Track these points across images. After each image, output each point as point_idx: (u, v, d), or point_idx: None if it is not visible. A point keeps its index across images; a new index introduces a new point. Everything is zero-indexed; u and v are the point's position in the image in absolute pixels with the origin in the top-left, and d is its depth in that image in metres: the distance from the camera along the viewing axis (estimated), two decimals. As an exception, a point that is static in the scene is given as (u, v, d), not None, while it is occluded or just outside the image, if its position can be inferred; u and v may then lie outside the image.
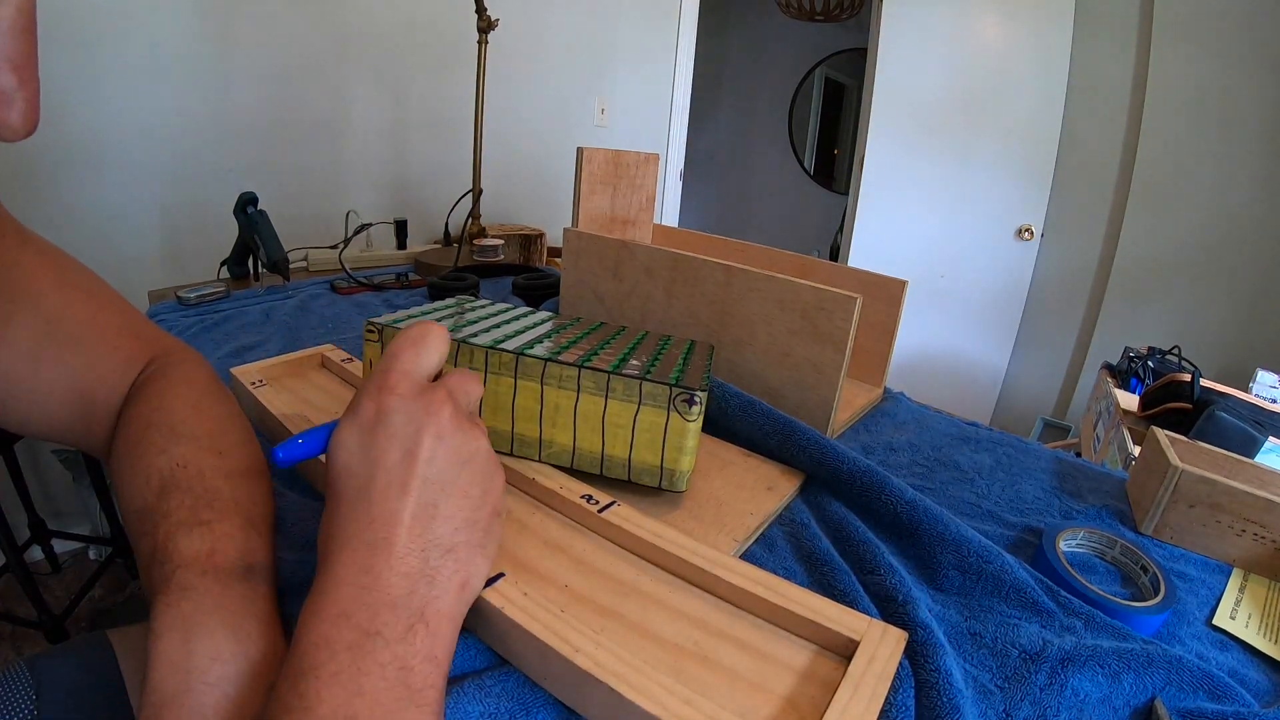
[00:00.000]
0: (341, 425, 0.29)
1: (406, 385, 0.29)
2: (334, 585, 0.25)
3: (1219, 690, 0.34)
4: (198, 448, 0.34)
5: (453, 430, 0.29)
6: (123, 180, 1.36)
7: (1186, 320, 2.09)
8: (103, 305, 0.40)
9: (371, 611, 0.24)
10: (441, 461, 0.28)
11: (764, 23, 3.77)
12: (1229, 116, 1.95)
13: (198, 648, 0.26)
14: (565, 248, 0.71)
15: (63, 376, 0.36)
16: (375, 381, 0.29)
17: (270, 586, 0.30)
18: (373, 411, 0.28)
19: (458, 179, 1.81)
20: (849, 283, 0.68)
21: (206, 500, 0.31)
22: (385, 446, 0.27)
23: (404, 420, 0.28)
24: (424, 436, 0.28)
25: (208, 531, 0.29)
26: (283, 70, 1.53)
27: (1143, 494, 0.52)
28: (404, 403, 0.28)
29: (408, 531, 0.26)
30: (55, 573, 1.50)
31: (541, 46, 2.04)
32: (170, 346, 0.42)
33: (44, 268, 0.37)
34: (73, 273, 0.39)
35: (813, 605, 0.33)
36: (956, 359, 2.47)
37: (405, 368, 0.30)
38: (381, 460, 0.27)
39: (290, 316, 0.85)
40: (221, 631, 0.27)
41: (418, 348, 0.30)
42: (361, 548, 0.26)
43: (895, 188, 2.34)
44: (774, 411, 0.53)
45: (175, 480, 0.32)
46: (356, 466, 0.28)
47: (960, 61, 2.21)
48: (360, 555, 0.26)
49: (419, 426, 0.28)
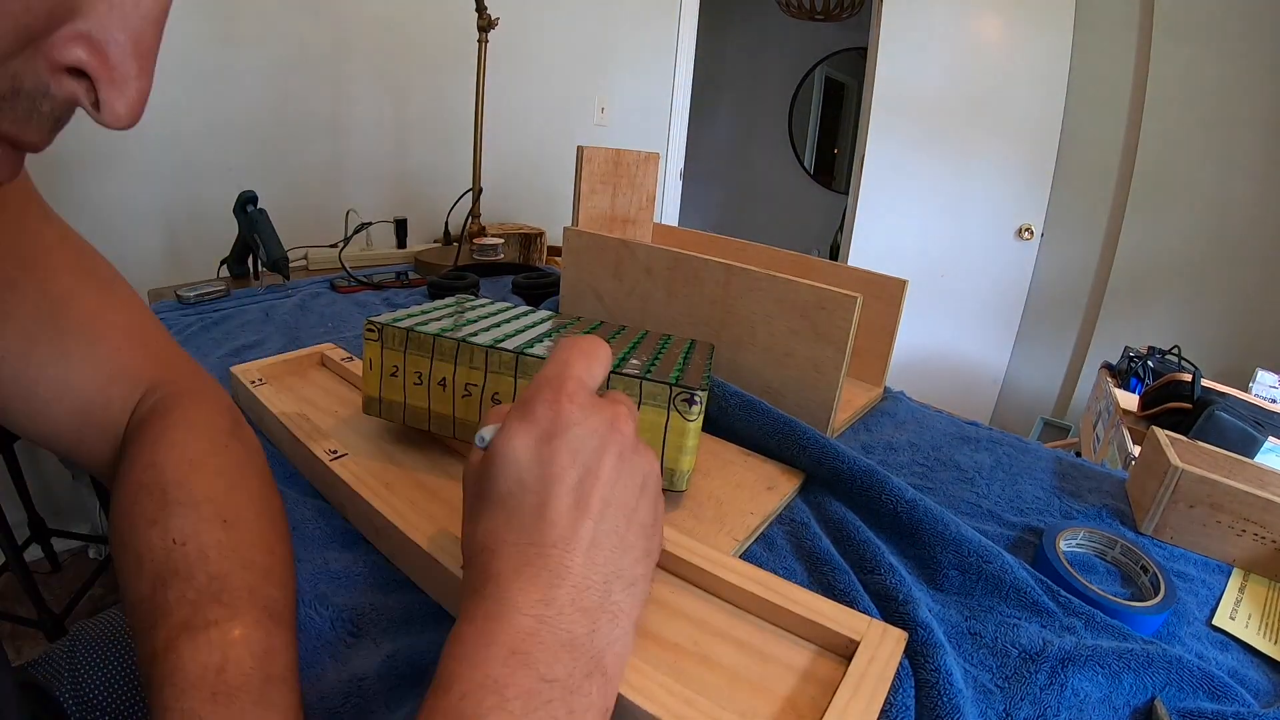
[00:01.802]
0: (513, 428, 0.25)
1: (584, 396, 0.26)
2: (509, 612, 0.22)
3: (1219, 690, 0.34)
4: (197, 518, 0.28)
5: (633, 451, 0.26)
6: (122, 179, 1.36)
7: (1186, 320, 2.09)
8: (115, 302, 0.36)
9: (551, 653, 0.21)
10: (623, 485, 0.25)
11: (764, 22, 3.77)
12: (1229, 116, 1.94)
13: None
14: (565, 247, 0.71)
15: (57, 367, 0.32)
16: (551, 387, 0.26)
17: (294, 694, 0.25)
18: (550, 419, 0.25)
19: (457, 178, 1.81)
20: (849, 282, 0.68)
21: (213, 593, 0.26)
22: (565, 461, 0.24)
23: (585, 434, 0.25)
24: (606, 455, 0.25)
25: (216, 636, 0.24)
26: (283, 69, 1.52)
27: (1143, 494, 0.52)
28: (585, 415, 0.25)
29: (586, 559, 0.24)
30: (55, 572, 1.50)
31: (541, 46, 2.03)
32: (181, 370, 0.37)
33: (62, 246, 0.34)
34: (91, 260, 0.36)
35: (813, 605, 0.33)
36: (956, 359, 2.47)
37: (581, 376, 0.26)
38: (561, 476, 0.24)
39: (290, 315, 0.85)
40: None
41: (589, 360, 0.27)
42: (542, 572, 0.23)
43: (895, 187, 2.34)
44: (774, 411, 0.53)
45: (172, 564, 0.27)
46: (530, 478, 0.24)
47: (960, 61, 2.21)
48: (540, 581, 0.22)
49: (602, 443, 0.25)
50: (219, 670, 0.24)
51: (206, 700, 0.23)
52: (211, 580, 0.26)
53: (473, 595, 0.23)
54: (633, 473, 0.26)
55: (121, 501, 0.30)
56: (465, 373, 0.42)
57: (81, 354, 0.33)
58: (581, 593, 0.23)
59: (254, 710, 0.23)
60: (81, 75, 0.18)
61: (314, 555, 0.39)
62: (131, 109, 0.19)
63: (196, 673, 0.23)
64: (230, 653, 0.24)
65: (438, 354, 0.43)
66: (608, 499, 0.25)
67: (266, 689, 0.24)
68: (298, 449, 0.46)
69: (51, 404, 0.32)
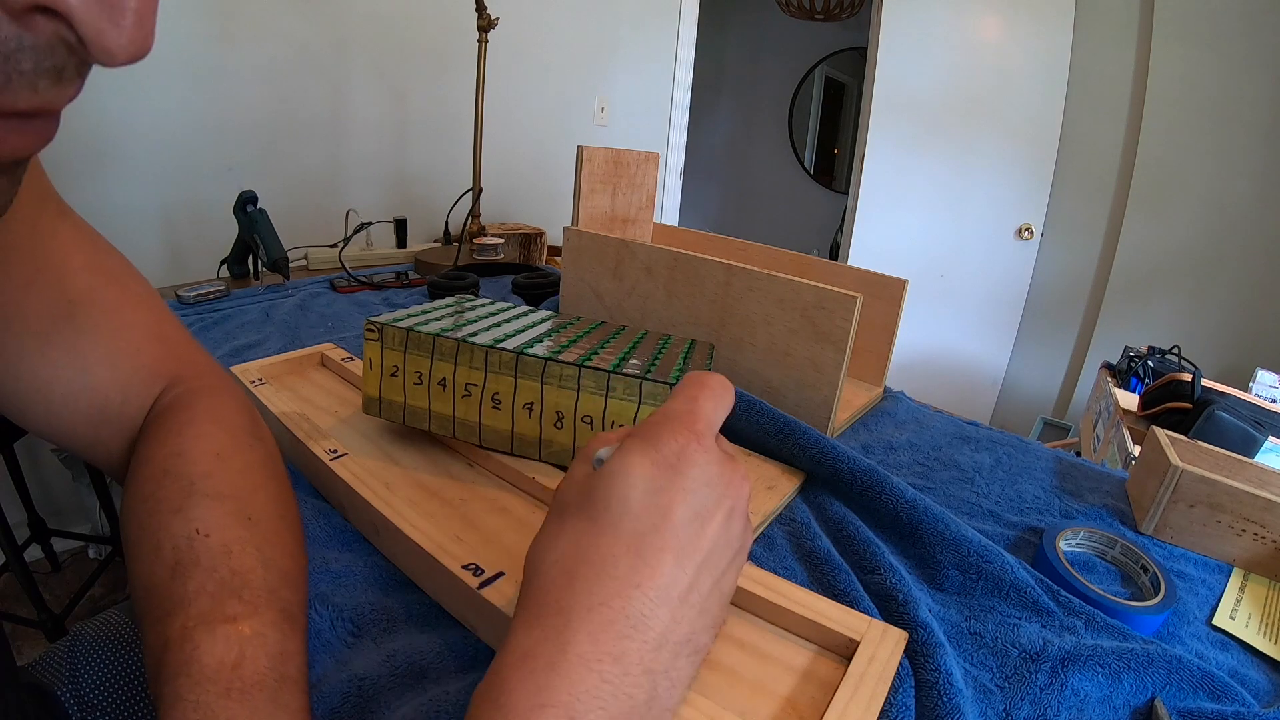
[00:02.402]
0: (634, 448, 0.23)
1: (711, 440, 0.24)
2: (575, 663, 0.19)
3: (1219, 690, 0.34)
4: (222, 511, 0.28)
5: (743, 514, 0.25)
6: (122, 179, 1.36)
7: (1186, 320, 2.09)
8: (133, 299, 0.35)
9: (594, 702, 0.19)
10: (724, 544, 0.24)
11: (764, 22, 3.77)
12: (1229, 116, 1.94)
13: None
14: (565, 246, 0.71)
15: (73, 367, 0.31)
16: (682, 420, 0.24)
17: (305, 697, 0.25)
18: (676, 452, 0.23)
19: (457, 178, 1.81)
20: (849, 282, 0.68)
21: (234, 588, 0.26)
22: (680, 499, 0.22)
23: (706, 479, 0.23)
24: (720, 508, 0.24)
25: (234, 632, 0.24)
26: (282, 68, 1.52)
27: (1143, 494, 0.52)
28: (710, 459, 0.24)
29: (672, 616, 0.21)
30: (55, 572, 1.50)
31: (541, 46, 2.03)
32: (201, 368, 0.37)
33: (79, 245, 0.33)
34: (107, 257, 0.35)
35: (813, 605, 0.33)
36: (956, 358, 2.47)
37: (711, 417, 0.25)
38: (671, 512, 0.22)
39: (290, 315, 0.85)
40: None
41: (718, 401, 0.26)
42: (619, 618, 0.20)
43: (895, 187, 2.34)
44: (774, 411, 0.53)
45: (194, 554, 0.26)
46: (638, 505, 0.22)
47: (960, 61, 2.21)
48: (614, 630, 0.20)
49: (720, 493, 0.24)
50: (235, 666, 0.23)
51: (221, 695, 0.22)
52: (233, 575, 0.26)
53: (529, 627, 0.21)
54: (735, 537, 0.25)
55: (143, 485, 0.29)
56: (465, 373, 0.42)
57: (100, 353, 0.33)
58: (655, 652, 0.21)
59: (267, 708, 0.23)
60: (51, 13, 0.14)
61: (314, 555, 0.39)
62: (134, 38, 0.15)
63: (213, 666, 0.23)
64: (247, 650, 0.24)
65: (438, 354, 0.43)
66: (709, 555, 0.23)
67: (280, 689, 0.24)
68: (298, 449, 0.46)
69: (69, 403, 0.32)
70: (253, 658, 0.24)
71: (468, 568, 0.33)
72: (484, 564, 0.34)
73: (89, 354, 0.32)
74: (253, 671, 0.23)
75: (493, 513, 0.41)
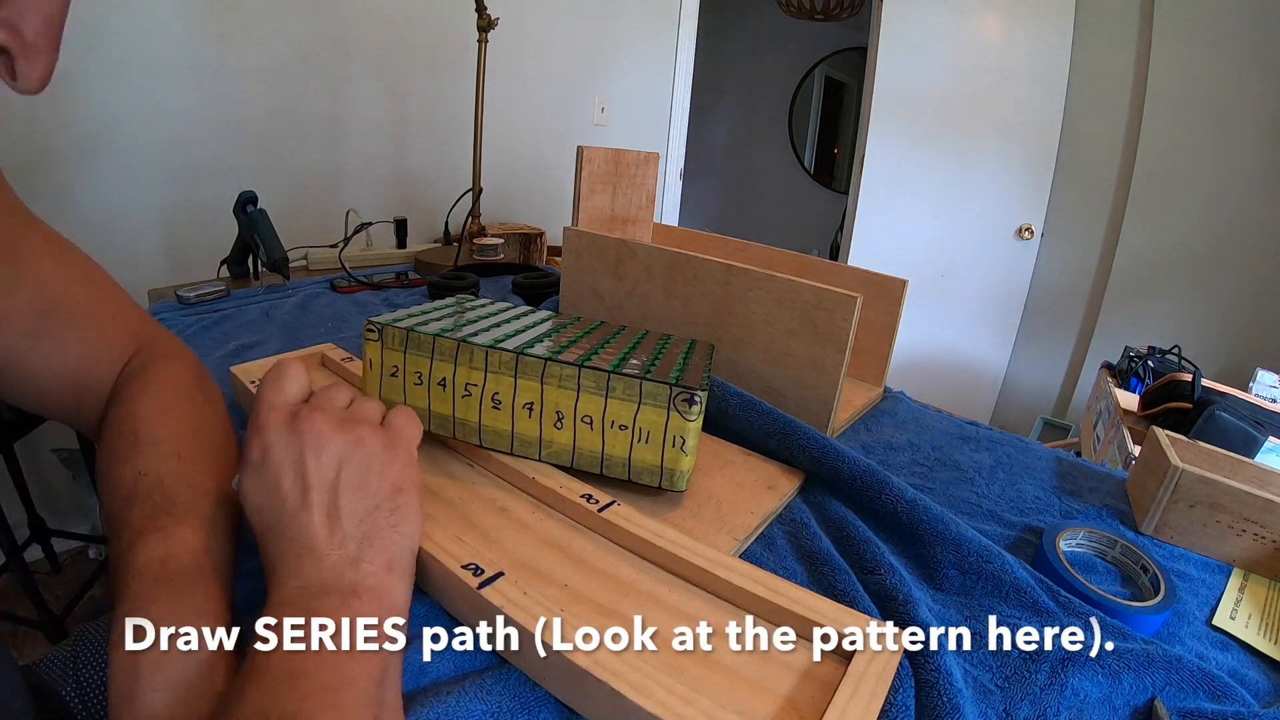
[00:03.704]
0: (242, 475, 0.32)
1: (277, 418, 0.32)
2: (278, 589, 0.29)
3: (1219, 690, 0.34)
4: (158, 455, 0.35)
5: (329, 436, 0.32)
6: (122, 179, 1.36)
7: (1186, 320, 2.09)
8: (100, 291, 0.42)
9: (310, 596, 0.28)
10: (326, 469, 0.31)
11: (764, 22, 3.77)
12: (1229, 116, 1.94)
13: (144, 656, 0.27)
14: (565, 247, 0.71)
15: (57, 355, 0.39)
16: (251, 425, 0.32)
17: (223, 585, 0.32)
18: (258, 452, 0.31)
19: (457, 178, 1.81)
20: (849, 282, 0.68)
21: (164, 508, 0.33)
22: (278, 476, 0.31)
23: (283, 448, 0.31)
24: (305, 454, 0.31)
25: (162, 538, 0.31)
26: (282, 68, 1.52)
27: (1143, 494, 0.52)
28: (278, 434, 0.31)
29: (325, 538, 0.30)
30: (55, 572, 1.50)
31: (541, 46, 2.03)
32: (154, 339, 0.44)
33: (47, 249, 0.39)
34: (72, 256, 0.41)
35: (813, 605, 0.33)
36: (956, 358, 2.47)
37: (272, 402, 0.33)
38: (279, 488, 0.30)
39: (290, 315, 0.85)
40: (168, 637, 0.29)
41: (278, 383, 0.34)
42: (291, 560, 0.29)
43: (895, 187, 2.34)
44: (774, 411, 0.53)
45: (136, 490, 0.33)
46: (263, 503, 0.31)
47: (960, 61, 2.21)
48: (291, 566, 0.29)
49: (299, 447, 0.31)
50: (162, 561, 0.30)
51: (151, 583, 0.29)
52: (165, 499, 0.33)
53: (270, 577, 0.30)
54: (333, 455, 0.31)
55: (105, 443, 0.37)
56: (465, 373, 0.42)
57: (77, 341, 0.40)
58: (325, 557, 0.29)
59: (187, 590, 0.30)
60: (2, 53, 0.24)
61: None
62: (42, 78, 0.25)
63: (145, 563, 0.30)
64: (172, 548, 0.31)
65: (438, 354, 0.43)
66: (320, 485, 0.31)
67: (200, 577, 0.31)
68: (298, 449, 0.46)
69: (54, 385, 0.39)
70: (176, 555, 0.31)
71: (467, 567, 0.33)
72: (484, 564, 0.34)
73: (69, 343, 0.39)
74: (176, 565, 0.30)
75: (493, 513, 0.41)
